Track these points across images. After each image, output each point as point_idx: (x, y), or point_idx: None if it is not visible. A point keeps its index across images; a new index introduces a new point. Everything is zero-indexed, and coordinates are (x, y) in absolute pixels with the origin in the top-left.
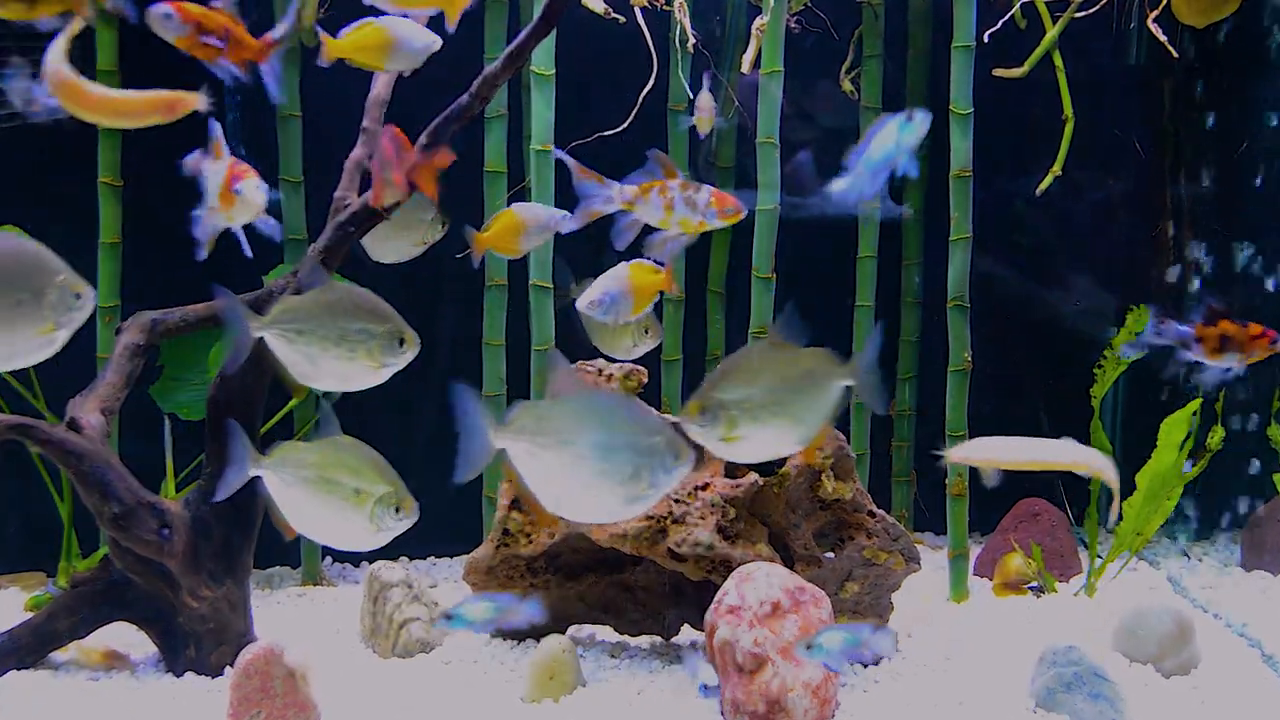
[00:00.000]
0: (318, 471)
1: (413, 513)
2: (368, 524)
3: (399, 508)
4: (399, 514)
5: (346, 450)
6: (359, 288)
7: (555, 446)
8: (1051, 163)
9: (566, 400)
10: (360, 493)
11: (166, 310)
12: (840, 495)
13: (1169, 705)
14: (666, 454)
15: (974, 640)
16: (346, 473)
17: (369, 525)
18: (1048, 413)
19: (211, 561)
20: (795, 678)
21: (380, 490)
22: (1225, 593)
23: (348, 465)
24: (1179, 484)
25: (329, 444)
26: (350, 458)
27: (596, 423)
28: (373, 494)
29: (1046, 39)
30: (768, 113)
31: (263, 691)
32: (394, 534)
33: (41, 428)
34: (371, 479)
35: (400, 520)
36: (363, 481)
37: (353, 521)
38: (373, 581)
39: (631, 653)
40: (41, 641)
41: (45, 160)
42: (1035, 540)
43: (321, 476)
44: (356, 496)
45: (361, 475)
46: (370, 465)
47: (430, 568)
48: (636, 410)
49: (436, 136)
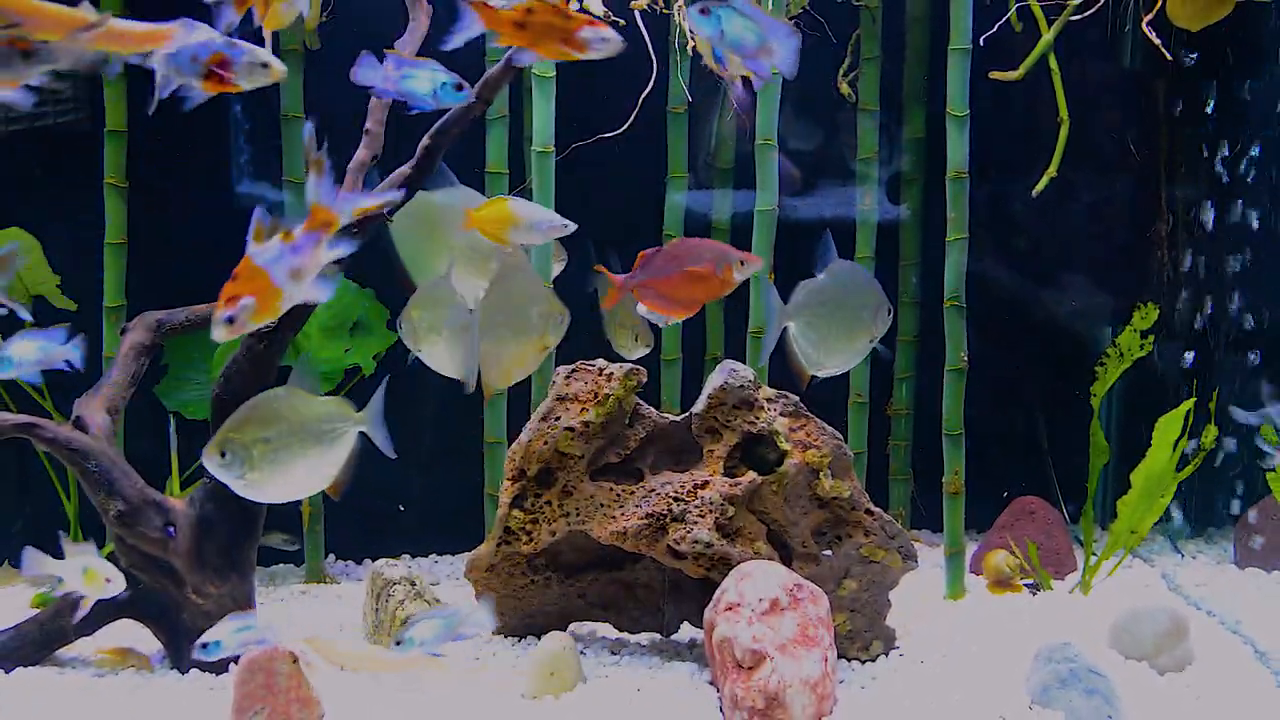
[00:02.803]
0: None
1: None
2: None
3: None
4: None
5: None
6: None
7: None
8: (1047, 164)
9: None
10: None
11: (171, 310)
12: (838, 493)
13: (1163, 702)
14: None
15: (970, 637)
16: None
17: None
18: (1045, 412)
19: (216, 559)
20: (794, 674)
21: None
22: (1219, 590)
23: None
24: (1173, 482)
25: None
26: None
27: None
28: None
29: (1042, 42)
30: (766, 115)
31: (266, 688)
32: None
33: (48, 426)
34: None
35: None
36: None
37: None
38: (375, 579)
39: (631, 649)
40: (48, 638)
41: (51, 161)
42: (1031, 538)
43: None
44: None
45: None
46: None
47: (432, 565)
48: None
49: (439, 138)
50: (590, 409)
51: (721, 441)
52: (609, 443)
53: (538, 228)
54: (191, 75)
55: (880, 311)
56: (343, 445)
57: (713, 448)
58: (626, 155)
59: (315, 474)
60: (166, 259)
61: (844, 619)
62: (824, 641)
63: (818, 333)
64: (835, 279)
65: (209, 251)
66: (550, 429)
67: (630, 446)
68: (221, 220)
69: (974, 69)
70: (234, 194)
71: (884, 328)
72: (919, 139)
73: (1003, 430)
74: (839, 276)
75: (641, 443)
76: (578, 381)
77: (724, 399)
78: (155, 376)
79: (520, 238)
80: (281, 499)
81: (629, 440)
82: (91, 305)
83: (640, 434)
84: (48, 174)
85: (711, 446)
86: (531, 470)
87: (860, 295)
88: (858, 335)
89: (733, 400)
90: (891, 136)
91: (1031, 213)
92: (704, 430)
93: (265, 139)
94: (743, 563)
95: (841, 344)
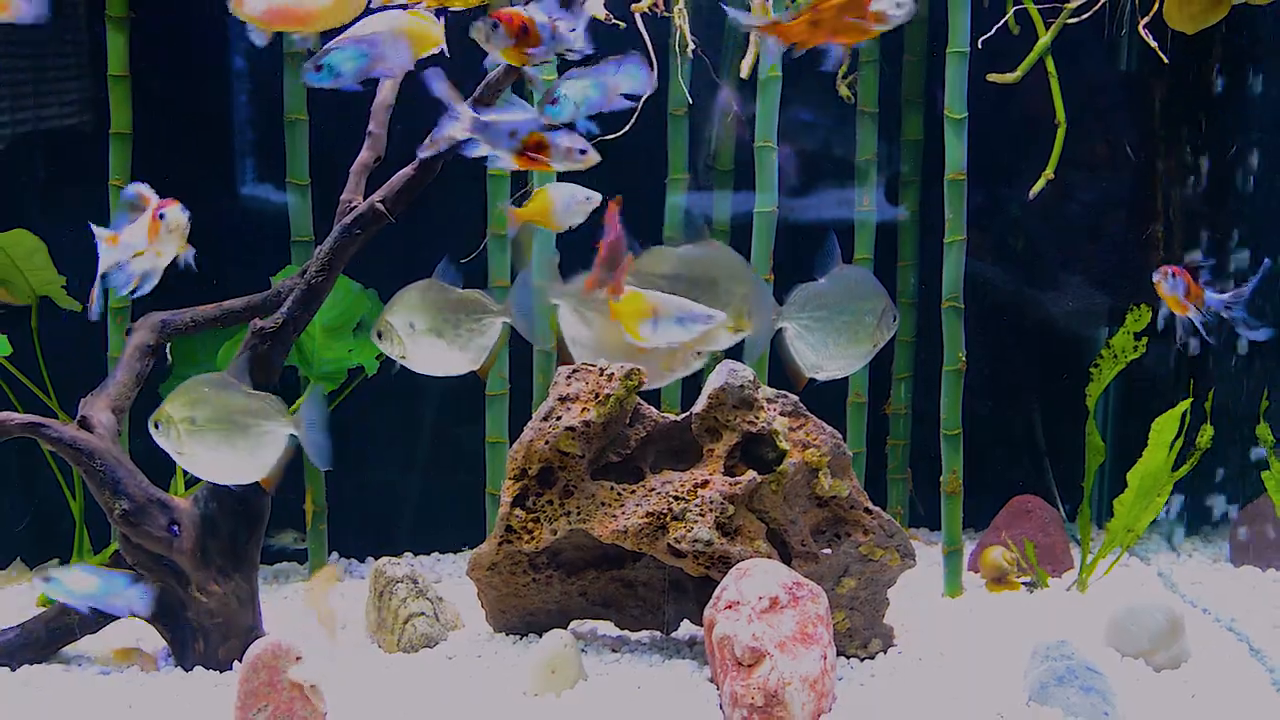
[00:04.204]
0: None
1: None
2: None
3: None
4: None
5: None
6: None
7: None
8: (1044, 166)
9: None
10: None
11: (176, 310)
12: (837, 492)
13: (1160, 698)
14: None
15: (968, 635)
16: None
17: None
18: (1042, 412)
19: (220, 557)
20: (793, 672)
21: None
22: (1214, 588)
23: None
24: (1169, 481)
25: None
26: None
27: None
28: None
29: (1039, 45)
30: (765, 116)
31: (270, 686)
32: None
33: (53, 426)
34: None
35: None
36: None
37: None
38: (378, 577)
39: (632, 647)
40: (54, 636)
41: (56, 163)
42: (1028, 536)
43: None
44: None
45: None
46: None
47: (435, 563)
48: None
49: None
50: (591, 409)
51: (721, 441)
52: (610, 442)
53: (574, 201)
54: (506, 149)
55: (885, 318)
56: (270, 444)
57: (713, 447)
58: (627, 157)
59: (243, 465)
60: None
61: (843, 617)
62: (823, 639)
63: (816, 336)
64: (836, 283)
65: (213, 253)
66: (551, 428)
67: (631, 446)
68: (226, 222)
69: (972, 71)
70: (238, 196)
71: (888, 334)
72: (917, 141)
73: (1001, 430)
74: (840, 281)
75: (642, 442)
76: (578, 381)
77: (724, 399)
78: (160, 376)
79: (567, 218)
80: (217, 480)
81: (630, 440)
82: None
83: (641, 433)
84: (53, 176)
85: (711, 446)
86: (533, 469)
87: (863, 301)
88: (859, 341)
89: (732, 400)
90: (890, 138)
91: (1028, 214)
92: (704, 430)
93: (269, 142)
94: (742, 561)
95: (841, 349)
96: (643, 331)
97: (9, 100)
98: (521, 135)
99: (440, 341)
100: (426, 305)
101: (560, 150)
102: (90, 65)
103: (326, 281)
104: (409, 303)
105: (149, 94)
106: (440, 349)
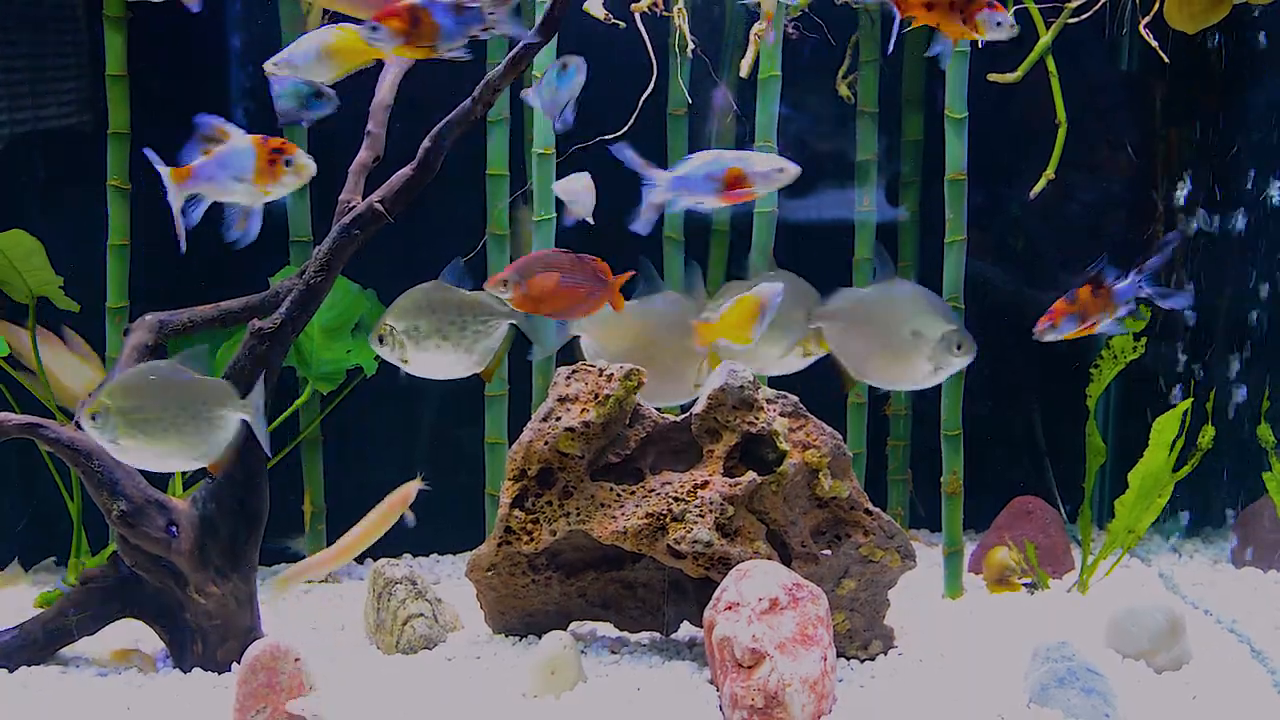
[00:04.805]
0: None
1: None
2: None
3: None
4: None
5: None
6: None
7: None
8: (1044, 166)
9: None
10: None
11: (173, 311)
12: (837, 493)
13: (1160, 700)
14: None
15: (969, 636)
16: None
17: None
18: (1042, 412)
19: (218, 558)
20: (793, 673)
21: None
22: (1216, 589)
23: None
24: (1170, 482)
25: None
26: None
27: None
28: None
29: (1040, 44)
30: (765, 116)
31: (269, 687)
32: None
33: (51, 427)
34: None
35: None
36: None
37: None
38: (377, 578)
39: (631, 649)
40: (51, 637)
41: (54, 163)
42: (1029, 537)
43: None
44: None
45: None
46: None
47: (434, 564)
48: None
49: (440, 140)
50: (591, 409)
51: (721, 442)
52: (609, 443)
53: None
54: (712, 193)
55: (946, 341)
56: (222, 429)
57: (712, 448)
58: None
59: (191, 451)
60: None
61: (843, 618)
62: (823, 640)
63: (853, 345)
64: (880, 293)
65: (211, 253)
66: (551, 429)
67: (630, 447)
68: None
69: (972, 71)
70: None
71: (955, 359)
72: (917, 141)
73: (1001, 430)
74: (884, 292)
75: (642, 443)
76: (578, 382)
77: (723, 399)
78: None
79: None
80: (155, 469)
81: (629, 440)
82: (94, 307)
83: (640, 434)
84: (51, 176)
85: (711, 447)
86: (532, 470)
87: (904, 316)
88: (903, 356)
89: (732, 400)
90: (890, 138)
91: (1029, 214)
92: (704, 430)
93: None
94: (742, 562)
95: (884, 363)
96: (753, 333)
97: (6, 100)
98: (719, 176)
99: (446, 344)
100: (434, 306)
101: (761, 176)
102: (88, 65)
103: (325, 282)
104: (415, 304)
105: (147, 93)
106: (446, 351)
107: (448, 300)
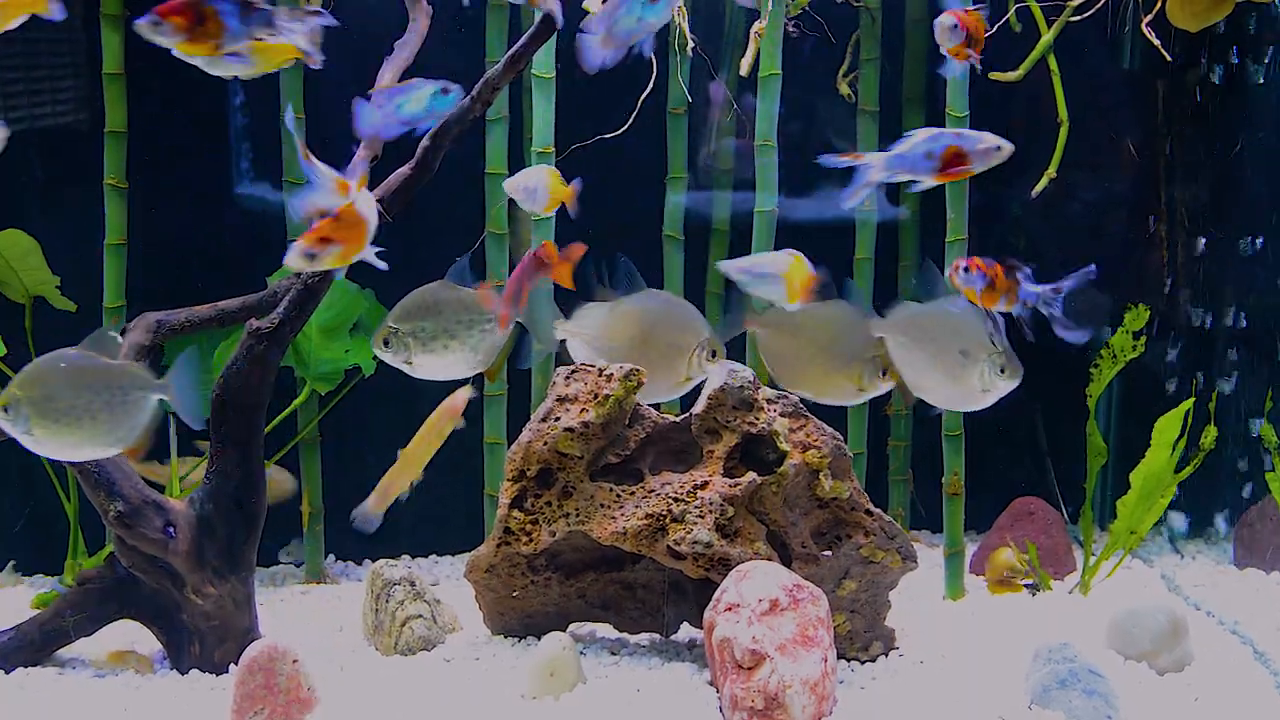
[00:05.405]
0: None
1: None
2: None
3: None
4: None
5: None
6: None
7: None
8: (1046, 165)
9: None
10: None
11: (171, 311)
12: (838, 494)
13: (1162, 702)
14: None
15: (970, 637)
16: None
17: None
18: (1043, 413)
19: (215, 559)
20: (793, 674)
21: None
22: (1218, 591)
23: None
24: (1172, 483)
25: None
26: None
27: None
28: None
29: (1041, 43)
30: (765, 115)
31: (266, 688)
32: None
33: None
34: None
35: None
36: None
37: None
38: (375, 579)
39: (631, 650)
40: (48, 638)
41: (51, 163)
42: (1030, 538)
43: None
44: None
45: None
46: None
47: (432, 565)
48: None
49: (439, 139)
50: (590, 409)
51: (721, 442)
52: (609, 443)
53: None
54: (928, 172)
55: (990, 363)
56: (139, 411)
57: (712, 448)
58: (626, 156)
59: (107, 437)
60: (166, 260)
61: (843, 619)
62: (824, 642)
63: (911, 358)
64: (933, 309)
65: (209, 252)
66: (550, 429)
67: (630, 447)
68: (221, 222)
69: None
70: (233, 195)
71: (1001, 383)
72: None
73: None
74: (937, 308)
75: (641, 443)
76: (577, 382)
77: (723, 399)
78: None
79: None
80: (71, 458)
81: (629, 441)
82: (91, 306)
83: (640, 434)
84: (48, 175)
85: (711, 447)
86: (531, 471)
87: (952, 335)
88: (954, 376)
89: (732, 401)
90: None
91: (1029, 213)
92: (703, 431)
93: (265, 141)
94: (742, 563)
95: (936, 378)
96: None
97: (3, 99)
98: (938, 154)
99: (454, 343)
100: (440, 306)
101: (979, 154)
102: (86, 63)
103: (323, 282)
104: (421, 305)
105: (145, 92)
106: (454, 351)
107: (454, 300)
